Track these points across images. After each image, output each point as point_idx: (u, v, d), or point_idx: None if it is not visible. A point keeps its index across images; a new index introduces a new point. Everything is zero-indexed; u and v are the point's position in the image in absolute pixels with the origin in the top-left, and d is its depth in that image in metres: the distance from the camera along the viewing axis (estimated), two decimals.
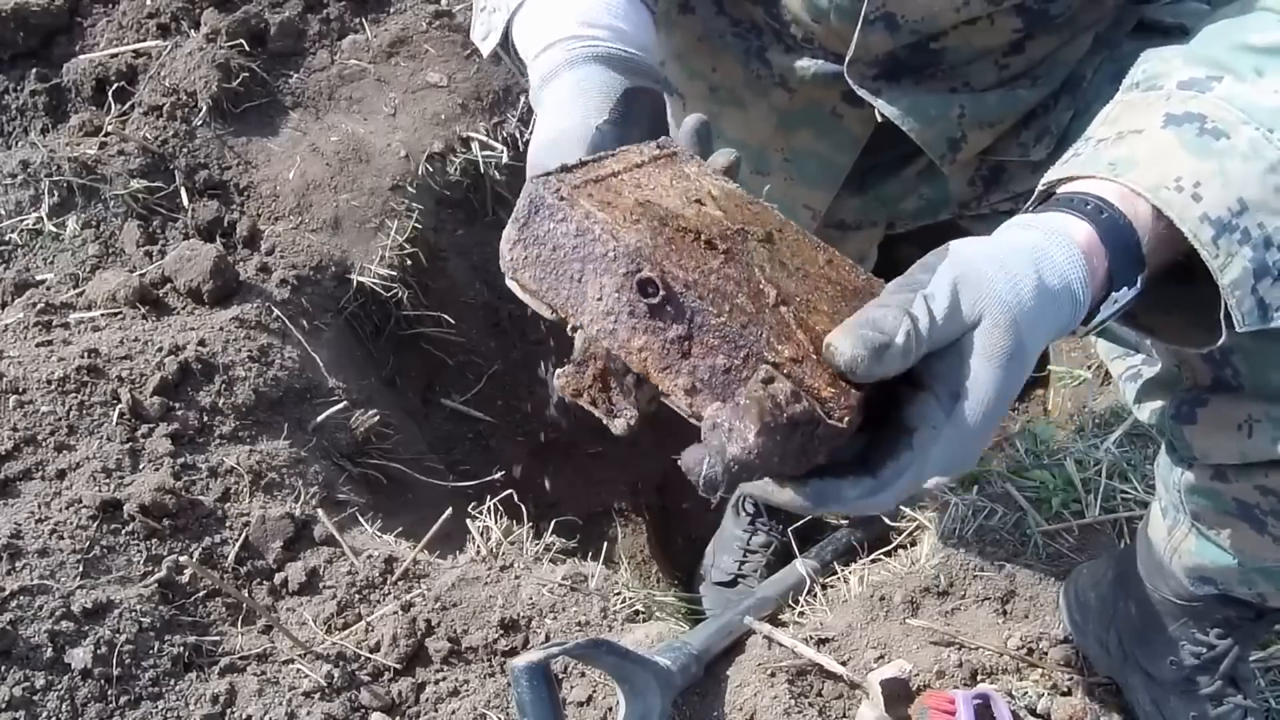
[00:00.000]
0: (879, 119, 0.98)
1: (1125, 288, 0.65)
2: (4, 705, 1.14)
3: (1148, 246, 0.66)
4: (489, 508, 1.47)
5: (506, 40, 0.87)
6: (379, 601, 1.34)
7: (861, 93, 0.95)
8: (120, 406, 1.42)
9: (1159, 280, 0.70)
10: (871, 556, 1.53)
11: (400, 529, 1.48)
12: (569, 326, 0.61)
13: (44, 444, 1.39)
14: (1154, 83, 0.73)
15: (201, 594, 1.31)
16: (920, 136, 0.96)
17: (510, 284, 0.63)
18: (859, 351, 0.55)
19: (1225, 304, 0.66)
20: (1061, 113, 0.98)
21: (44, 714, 1.16)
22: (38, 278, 1.68)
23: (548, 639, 1.30)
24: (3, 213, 1.73)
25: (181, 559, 1.31)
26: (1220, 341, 0.68)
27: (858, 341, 0.55)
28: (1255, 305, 0.67)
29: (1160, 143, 0.67)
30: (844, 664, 1.30)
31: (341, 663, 1.27)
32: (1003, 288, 0.58)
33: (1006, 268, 0.59)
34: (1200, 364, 0.85)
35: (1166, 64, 0.73)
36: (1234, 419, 0.83)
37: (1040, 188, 0.70)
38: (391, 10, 2.09)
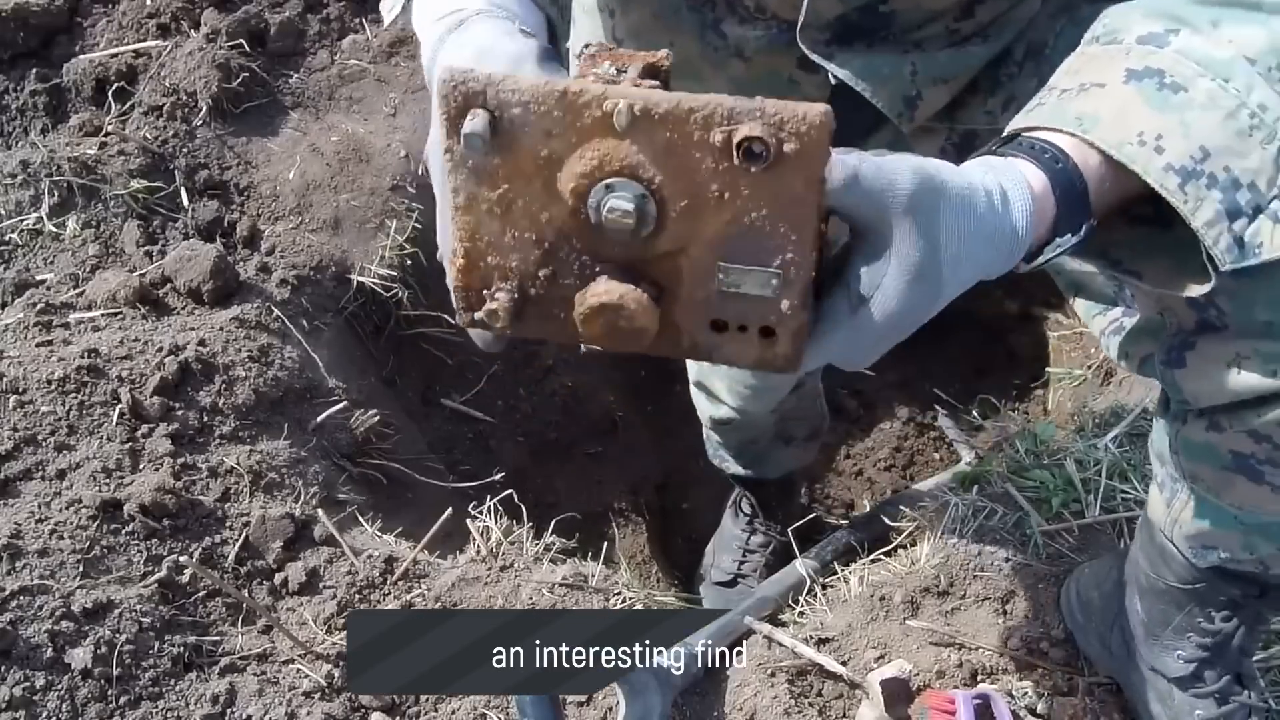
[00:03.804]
0: (833, 82, 0.99)
1: (1069, 234, 0.69)
2: (4, 705, 1.14)
3: (1095, 193, 0.69)
4: (489, 508, 1.47)
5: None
6: (379, 601, 1.34)
7: (814, 57, 0.96)
8: (120, 406, 1.42)
9: (1144, 227, 0.74)
10: (871, 556, 1.53)
11: (400, 529, 1.48)
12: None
13: (44, 444, 1.39)
14: (1114, 36, 0.75)
15: (201, 594, 1.31)
16: (875, 96, 0.97)
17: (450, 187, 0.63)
18: None
19: (1203, 245, 0.69)
20: (1026, 80, 1.00)
21: (44, 714, 1.16)
22: (38, 278, 1.68)
23: None
24: (3, 213, 1.73)
25: (181, 559, 1.31)
26: (1212, 284, 0.71)
27: None
28: (1233, 243, 0.70)
29: (1122, 98, 0.70)
30: (844, 664, 1.30)
31: (341, 663, 1.27)
32: (945, 213, 0.61)
33: (955, 197, 0.62)
34: (1184, 308, 0.87)
35: (1125, 18, 0.76)
36: (1223, 358, 0.85)
37: (1006, 133, 0.73)
38: None
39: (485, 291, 0.63)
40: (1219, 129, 0.69)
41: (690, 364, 1.63)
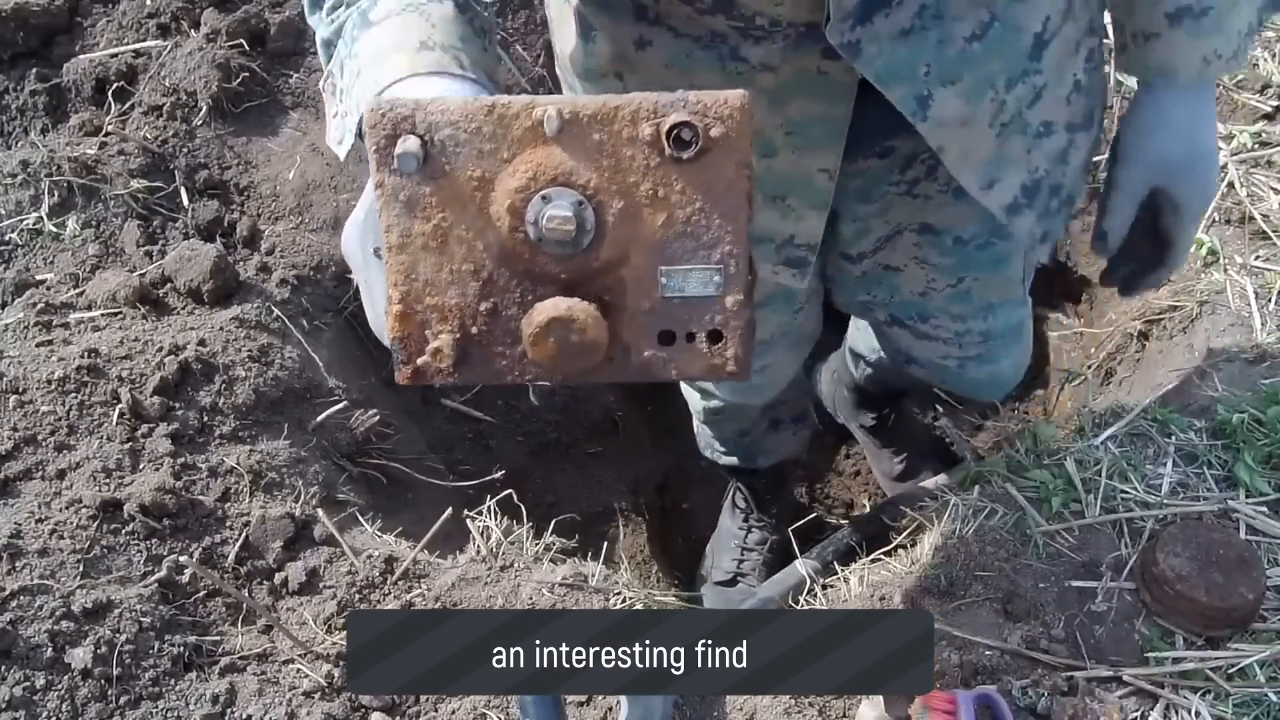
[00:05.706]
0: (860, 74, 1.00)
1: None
2: (4, 705, 1.15)
3: None
4: (489, 508, 1.47)
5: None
6: (379, 601, 1.34)
7: (844, 54, 0.94)
8: (120, 406, 1.43)
9: None
10: (871, 556, 1.53)
11: (400, 529, 1.48)
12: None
13: (44, 444, 1.39)
14: None
15: (201, 594, 1.31)
16: (890, 90, 0.96)
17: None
18: None
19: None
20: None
21: (44, 714, 1.16)
22: (38, 278, 1.68)
23: None
24: (3, 213, 1.73)
25: (181, 559, 1.31)
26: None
27: None
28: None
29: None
30: None
31: (341, 663, 1.27)
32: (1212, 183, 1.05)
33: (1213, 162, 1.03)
34: None
35: None
36: None
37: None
38: None
39: (426, 333, 0.62)
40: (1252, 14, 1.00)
41: None
